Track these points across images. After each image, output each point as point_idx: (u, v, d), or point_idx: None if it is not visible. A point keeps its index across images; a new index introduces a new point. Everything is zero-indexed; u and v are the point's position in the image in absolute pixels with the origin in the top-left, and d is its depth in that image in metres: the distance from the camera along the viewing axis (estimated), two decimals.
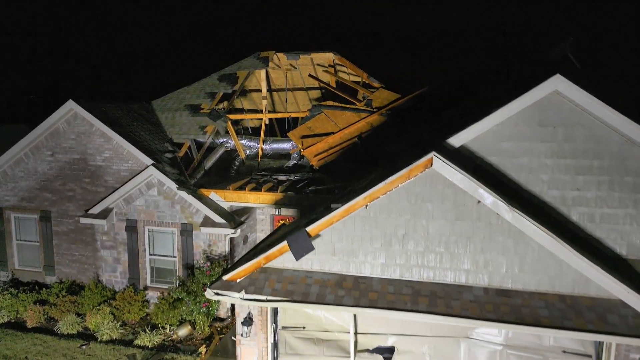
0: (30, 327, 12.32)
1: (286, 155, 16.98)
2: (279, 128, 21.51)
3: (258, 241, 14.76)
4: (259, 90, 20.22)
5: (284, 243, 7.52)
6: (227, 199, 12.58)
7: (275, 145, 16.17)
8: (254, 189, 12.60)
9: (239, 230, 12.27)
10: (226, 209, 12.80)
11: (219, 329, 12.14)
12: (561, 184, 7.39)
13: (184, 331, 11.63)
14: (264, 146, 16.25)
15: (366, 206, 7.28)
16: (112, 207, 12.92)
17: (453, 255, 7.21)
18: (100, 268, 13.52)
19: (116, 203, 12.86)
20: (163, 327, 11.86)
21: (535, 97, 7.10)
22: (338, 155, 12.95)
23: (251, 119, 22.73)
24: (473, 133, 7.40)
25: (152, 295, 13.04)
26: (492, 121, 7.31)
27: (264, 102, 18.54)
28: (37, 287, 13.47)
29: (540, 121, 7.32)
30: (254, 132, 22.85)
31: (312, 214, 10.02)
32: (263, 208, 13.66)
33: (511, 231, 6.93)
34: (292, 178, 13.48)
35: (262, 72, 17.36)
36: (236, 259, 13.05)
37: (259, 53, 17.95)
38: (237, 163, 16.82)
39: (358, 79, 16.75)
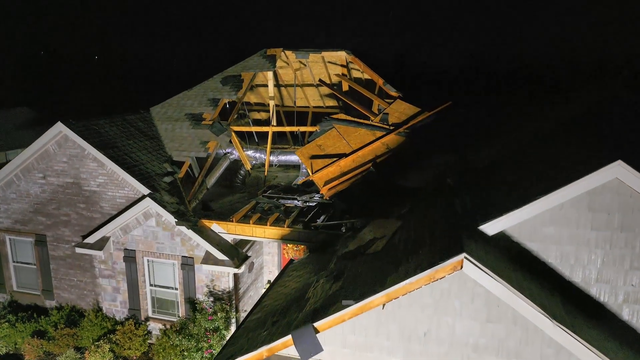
0: None
1: (295, 166, 15.93)
2: (287, 119, 20.33)
3: (264, 266, 13.97)
4: (267, 85, 18.94)
5: (289, 337, 6.62)
6: (230, 231, 11.66)
7: (283, 157, 15.10)
8: (259, 220, 11.63)
9: (243, 267, 11.42)
10: (230, 240, 11.91)
11: None
12: (613, 277, 6.30)
13: None
14: (271, 157, 15.18)
15: (383, 306, 6.30)
16: (109, 236, 12.12)
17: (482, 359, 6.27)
18: (99, 295, 12.90)
19: (113, 232, 12.05)
20: None
21: (590, 185, 5.90)
22: (350, 183, 11.83)
23: (258, 110, 21.63)
24: (511, 221, 6.28)
25: (154, 327, 12.45)
26: (535, 209, 6.15)
27: (271, 103, 17.30)
28: (35, 314, 12.91)
29: (592, 206, 6.14)
30: (262, 124, 21.72)
31: (322, 268, 9.10)
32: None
33: (552, 340, 5.93)
34: (300, 204, 12.47)
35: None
36: (241, 290, 12.30)
37: (265, 50, 16.56)
38: (242, 172, 15.85)
39: (372, 78, 15.32)
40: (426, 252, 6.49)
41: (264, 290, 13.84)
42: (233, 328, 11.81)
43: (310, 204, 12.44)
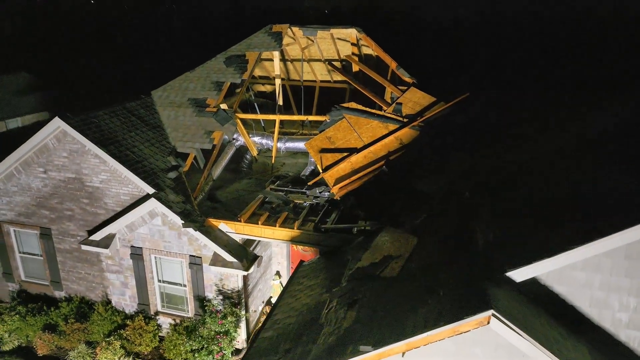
0: (40, 355, 12.01)
1: (303, 153, 15.42)
2: (293, 93, 19.59)
3: (273, 257, 13.81)
4: (272, 60, 18.09)
5: None
6: (238, 231, 11.37)
7: (291, 145, 14.56)
8: (267, 219, 11.31)
9: (252, 268, 11.23)
10: (238, 240, 11.65)
11: None
12: None
13: None
14: (278, 144, 14.64)
15: (403, 354, 6.06)
16: (115, 233, 11.87)
17: None
18: (108, 288, 12.85)
19: (118, 230, 11.79)
20: None
21: (631, 238, 5.47)
22: (362, 182, 11.37)
23: (262, 83, 20.83)
24: (542, 269, 5.90)
25: (164, 321, 12.46)
26: (568, 258, 5.76)
27: (277, 81, 16.53)
28: (45, 305, 12.92)
29: (629, 254, 5.74)
30: (266, 97, 21.00)
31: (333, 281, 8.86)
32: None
33: None
34: (310, 200, 12.09)
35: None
36: (250, 286, 12.18)
37: (271, 27, 15.63)
38: (248, 156, 15.40)
39: (385, 61, 14.47)
40: (447, 296, 6.18)
41: (273, 281, 13.76)
42: (242, 326, 11.80)
43: (320, 202, 12.04)
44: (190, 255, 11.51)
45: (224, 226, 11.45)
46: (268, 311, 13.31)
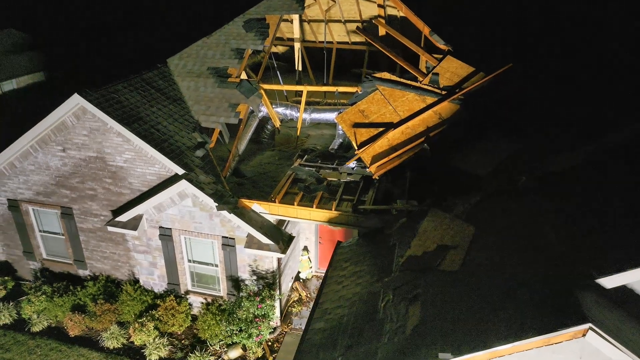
0: (72, 336, 11.89)
1: (329, 125, 14.82)
2: (309, 56, 18.69)
3: (301, 233, 13.53)
4: (287, 20, 17.09)
5: None
6: (272, 212, 10.99)
7: (316, 115, 13.92)
8: (302, 199, 10.93)
9: (289, 250, 10.94)
10: (272, 220, 11.29)
11: (270, 342, 11.61)
12: None
13: (235, 353, 11.11)
14: (304, 115, 13.99)
15: None
16: (142, 214, 11.45)
17: None
18: (135, 267, 12.60)
19: (146, 210, 11.36)
20: (212, 344, 11.31)
21: None
22: (401, 161, 10.90)
23: (275, 44, 19.82)
24: (634, 277, 5.62)
25: (195, 300, 12.31)
26: None
27: (297, 45, 15.63)
28: (71, 285, 12.68)
29: None
30: (279, 58, 20.07)
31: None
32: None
33: None
34: (344, 177, 11.66)
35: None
36: (282, 265, 11.96)
37: None
38: (269, 126, 14.81)
39: (417, 26, 13.60)
40: (530, 301, 5.92)
41: (301, 257, 13.57)
42: (276, 305, 11.66)
43: (354, 179, 11.62)
44: (222, 237, 11.18)
45: (257, 206, 11.05)
46: (297, 287, 13.21)
